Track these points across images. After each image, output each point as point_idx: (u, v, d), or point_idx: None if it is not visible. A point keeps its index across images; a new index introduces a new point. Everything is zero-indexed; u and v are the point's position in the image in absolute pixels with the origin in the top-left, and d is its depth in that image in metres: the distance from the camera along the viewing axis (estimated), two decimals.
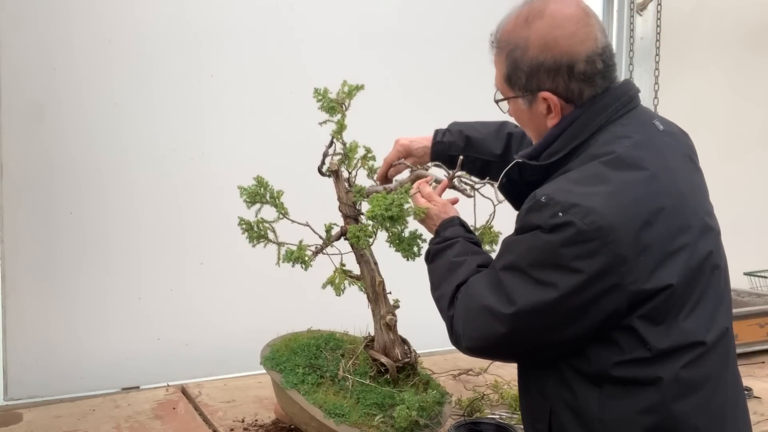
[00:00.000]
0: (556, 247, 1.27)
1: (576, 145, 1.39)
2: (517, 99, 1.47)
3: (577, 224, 1.24)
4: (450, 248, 1.61)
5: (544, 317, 1.31)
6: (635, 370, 1.30)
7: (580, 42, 1.37)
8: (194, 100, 2.71)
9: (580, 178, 1.32)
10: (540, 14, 1.40)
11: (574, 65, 1.37)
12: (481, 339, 1.40)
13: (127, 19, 2.58)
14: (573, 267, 1.26)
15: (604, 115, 1.39)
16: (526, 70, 1.40)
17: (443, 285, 1.56)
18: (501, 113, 1.61)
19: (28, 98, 2.45)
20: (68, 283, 2.55)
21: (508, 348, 1.41)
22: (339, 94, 1.92)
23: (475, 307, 1.41)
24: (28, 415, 2.21)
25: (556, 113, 1.42)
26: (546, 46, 1.38)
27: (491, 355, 1.54)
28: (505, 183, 1.52)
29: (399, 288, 2.03)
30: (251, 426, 2.14)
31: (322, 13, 2.94)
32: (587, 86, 1.39)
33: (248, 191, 1.92)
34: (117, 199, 2.61)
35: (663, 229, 1.29)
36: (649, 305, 1.28)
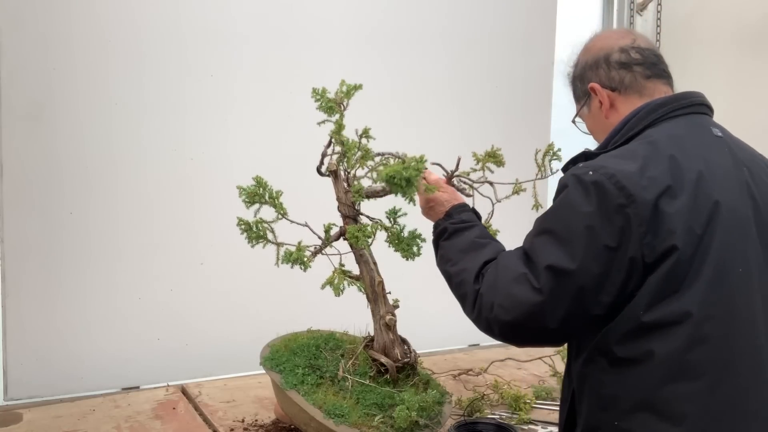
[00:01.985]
0: (579, 203, 1.36)
1: (630, 135, 1.51)
2: (582, 109, 1.69)
3: (602, 182, 1.34)
4: (469, 230, 1.67)
5: (577, 281, 1.34)
6: (629, 344, 1.35)
7: (614, 39, 1.62)
8: (194, 100, 2.71)
9: (617, 153, 1.45)
10: (585, 42, 1.71)
11: (610, 56, 1.59)
12: (512, 308, 1.40)
13: (127, 19, 2.58)
14: (595, 222, 1.33)
15: (660, 112, 1.51)
16: (579, 77, 1.66)
17: (464, 260, 1.58)
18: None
19: (28, 98, 2.45)
20: (68, 283, 2.55)
21: (544, 317, 1.38)
22: (337, 94, 1.92)
23: (511, 276, 1.43)
24: (28, 415, 2.21)
25: (605, 101, 1.59)
26: (587, 51, 1.66)
27: (522, 326, 1.42)
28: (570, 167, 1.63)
29: (398, 288, 2.02)
30: (251, 426, 2.14)
31: (322, 14, 2.94)
32: (627, 73, 1.57)
33: (247, 191, 1.92)
34: (117, 199, 2.61)
35: (683, 202, 1.34)
36: (655, 273, 1.32)
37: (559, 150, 1.92)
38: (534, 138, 3.14)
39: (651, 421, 1.34)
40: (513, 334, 1.47)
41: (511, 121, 3.39)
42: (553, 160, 1.92)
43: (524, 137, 3.18)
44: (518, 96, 3.45)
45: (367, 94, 1.95)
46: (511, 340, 1.52)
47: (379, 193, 1.95)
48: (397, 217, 1.97)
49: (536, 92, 3.51)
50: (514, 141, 2.67)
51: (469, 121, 3.25)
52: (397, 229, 1.96)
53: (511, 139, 2.88)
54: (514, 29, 3.42)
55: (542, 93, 3.53)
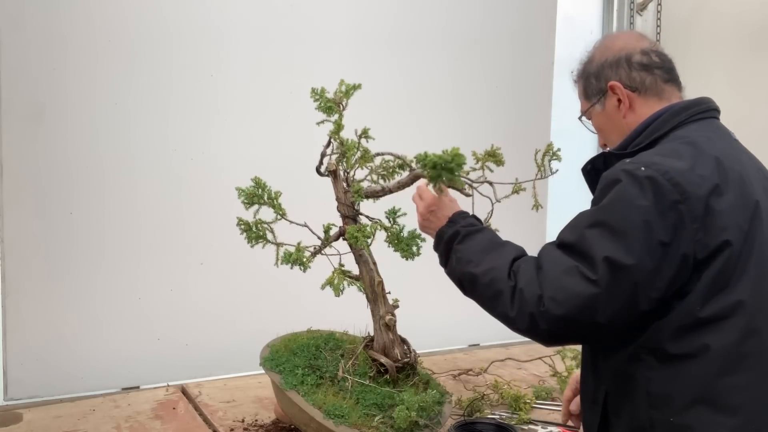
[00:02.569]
0: (638, 198, 1.36)
1: (656, 137, 1.54)
2: (594, 107, 1.67)
3: (656, 177, 1.36)
4: (482, 232, 1.66)
5: (627, 274, 1.35)
6: (684, 339, 1.37)
7: (635, 41, 1.65)
8: (194, 100, 2.71)
9: (658, 152, 1.47)
10: (602, 39, 1.73)
11: (631, 56, 1.60)
12: (565, 300, 1.37)
13: (127, 19, 2.58)
14: (651, 217, 1.34)
15: (684, 115, 1.54)
16: (595, 74, 1.65)
17: (487, 260, 1.55)
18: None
19: (28, 98, 2.45)
20: (68, 283, 2.55)
21: (596, 310, 1.36)
22: (336, 94, 1.92)
23: (561, 268, 1.41)
24: (28, 415, 2.21)
25: (625, 101, 1.60)
26: (606, 49, 1.66)
27: (573, 320, 1.38)
28: (589, 170, 1.65)
29: (398, 288, 2.02)
30: (251, 426, 2.14)
31: (322, 14, 2.94)
32: (648, 75, 1.60)
33: (246, 192, 1.92)
34: (117, 199, 2.61)
35: (730, 200, 1.39)
36: (710, 268, 1.36)
37: (558, 150, 1.91)
38: (534, 138, 3.14)
39: (707, 415, 1.37)
40: (561, 330, 1.42)
41: (511, 121, 3.39)
42: (553, 160, 1.92)
43: (524, 137, 3.18)
44: (518, 96, 3.45)
45: (366, 94, 1.95)
46: (555, 338, 1.49)
47: (378, 193, 1.95)
48: (396, 217, 1.97)
49: (536, 92, 3.51)
50: (514, 141, 2.67)
51: (469, 121, 3.25)
52: (397, 229, 1.96)
53: (511, 139, 2.88)
54: (514, 29, 3.42)
55: (542, 93, 3.52)
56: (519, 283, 1.45)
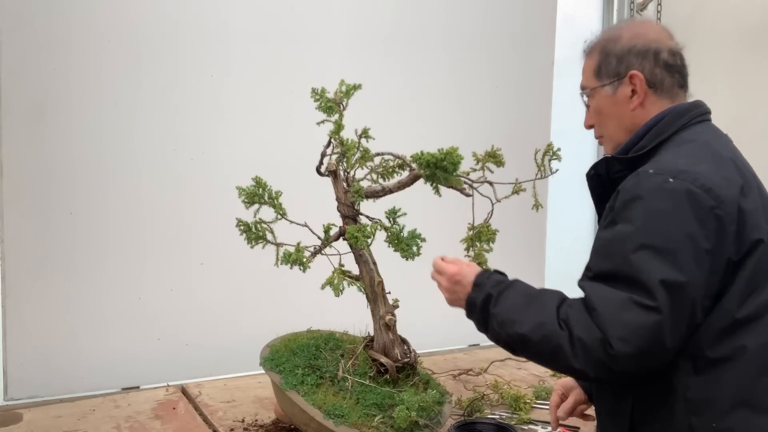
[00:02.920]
0: (676, 212, 1.34)
1: (661, 140, 1.52)
2: (603, 88, 1.60)
3: (689, 187, 1.35)
4: (512, 287, 1.55)
5: (685, 291, 1.33)
6: (722, 342, 1.37)
7: (666, 38, 1.60)
8: (194, 100, 2.71)
9: (679, 154, 1.45)
10: (632, 21, 1.69)
11: (660, 52, 1.55)
12: (635, 333, 1.31)
13: (127, 19, 2.58)
14: (692, 228, 1.33)
15: (686, 117, 1.54)
16: (618, 55, 1.57)
17: (531, 316, 1.45)
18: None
19: (28, 98, 2.45)
20: (68, 283, 2.55)
21: (664, 337, 1.32)
22: (337, 94, 1.92)
23: (615, 305, 1.34)
24: (28, 415, 2.21)
25: (641, 94, 1.56)
26: (637, 35, 1.58)
27: (645, 353, 1.32)
28: (592, 175, 1.63)
29: (398, 288, 2.02)
30: (251, 426, 2.14)
31: (322, 14, 2.94)
32: (668, 76, 1.56)
33: (247, 192, 1.92)
34: (117, 199, 2.61)
35: (754, 199, 1.43)
36: (744, 268, 1.37)
37: (558, 150, 1.91)
38: (534, 138, 3.14)
39: (749, 417, 1.37)
40: (636, 367, 1.35)
41: (511, 121, 3.39)
42: (553, 160, 1.92)
43: (524, 137, 3.18)
44: (518, 96, 3.45)
45: (366, 94, 1.95)
46: (630, 375, 1.40)
47: (378, 193, 1.95)
48: (396, 217, 1.96)
49: (536, 92, 3.51)
50: (514, 141, 2.67)
51: (469, 121, 3.25)
52: (397, 229, 1.95)
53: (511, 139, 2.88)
54: (514, 29, 3.42)
55: (542, 93, 3.52)
56: (574, 331, 1.37)
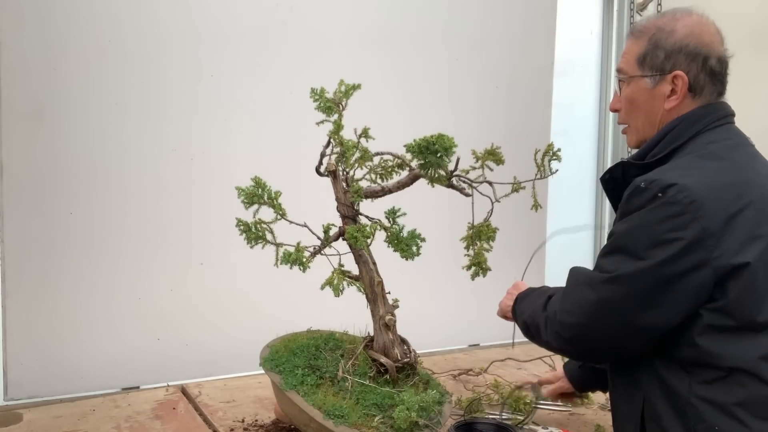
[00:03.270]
0: (653, 224, 1.41)
1: (674, 148, 1.53)
2: (644, 78, 1.58)
3: (671, 200, 1.39)
4: (536, 290, 1.82)
5: (633, 285, 1.42)
6: (719, 349, 1.41)
7: (718, 42, 1.57)
8: (194, 100, 2.71)
9: (674, 166, 1.49)
10: (688, 14, 1.60)
11: (709, 58, 1.54)
12: (573, 309, 1.52)
13: (127, 19, 2.58)
14: (667, 239, 1.39)
15: (701, 124, 1.54)
16: (668, 50, 1.55)
17: (533, 306, 1.72)
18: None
19: (28, 98, 2.45)
20: (68, 283, 2.55)
21: (598, 319, 1.47)
22: (336, 94, 1.91)
23: (573, 285, 1.56)
24: (28, 415, 2.21)
25: (680, 96, 1.55)
26: (693, 34, 1.55)
27: (583, 329, 1.51)
28: (608, 179, 1.64)
29: (398, 288, 2.02)
30: (251, 426, 2.14)
31: (322, 13, 2.94)
32: (710, 83, 1.56)
33: (246, 192, 1.92)
34: (117, 199, 2.61)
35: (749, 215, 1.42)
36: (731, 285, 1.39)
37: (558, 150, 1.91)
38: (534, 138, 3.14)
39: (755, 424, 1.40)
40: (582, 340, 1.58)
41: (511, 121, 3.39)
42: (553, 160, 1.91)
43: (524, 137, 3.18)
44: (518, 96, 3.45)
45: (366, 94, 1.94)
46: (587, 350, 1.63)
47: (378, 193, 1.94)
48: (396, 217, 1.96)
49: (536, 92, 3.51)
50: (514, 141, 2.67)
51: (469, 121, 3.24)
52: (397, 229, 1.95)
53: (511, 139, 2.88)
54: (514, 29, 3.42)
55: (542, 93, 3.52)
56: (550, 308, 1.61)
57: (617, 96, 1.67)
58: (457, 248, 1.97)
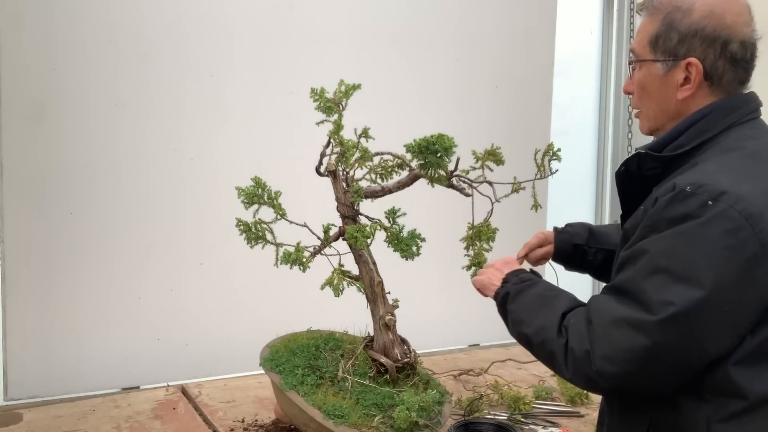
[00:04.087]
0: (706, 241, 1.22)
1: (703, 140, 1.37)
2: (655, 63, 1.42)
3: (729, 213, 1.22)
4: (532, 286, 1.55)
5: (694, 323, 1.23)
6: (753, 379, 1.27)
7: (744, 24, 1.37)
8: (194, 100, 2.71)
9: (722, 168, 1.30)
10: None
11: (730, 42, 1.35)
12: (619, 355, 1.26)
13: (127, 19, 2.58)
14: (724, 259, 1.22)
15: (734, 116, 1.38)
16: (682, 32, 1.37)
17: (537, 318, 1.45)
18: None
19: (28, 98, 2.45)
20: (68, 283, 2.55)
21: (651, 367, 1.26)
22: (336, 94, 1.91)
23: (608, 321, 1.29)
24: (28, 415, 2.21)
25: (693, 85, 1.38)
26: (712, 14, 1.36)
27: (627, 379, 1.28)
28: (622, 172, 1.47)
29: (398, 288, 2.02)
30: (251, 426, 2.14)
31: (322, 14, 2.94)
32: (731, 70, 1.37)
33: (246, 192, 1.92)
34: (117, 199, 2.61)
35: None
36: None
37: (558, 150, 1.91)
38: (534, 138, 3.14)
39: None
40: (624, 386, 1.33)
41: (511, 121, 3.39)
42: (553, 160, 1.91)
43: (524, 137, 3.18)
44: (518, 96, 3.45)
45: (366, 94, 1.94)
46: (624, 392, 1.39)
47: (378, 193, 1.94)
48: (396, 217, 1.97)
49: (536, 92, 3.51)
50: (514, 141, 2.67)
51: (469, 121, 3.24)
52: (397, 229, 1.96)
53: (511, 139, 2.88)
54: (514, 29, 3.42)
55: (542, 93, 3.52)
56: (570, 340, 1.34)
57: (630, 78, 1.51)
58: (457, 248, 1.97)
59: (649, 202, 1.35)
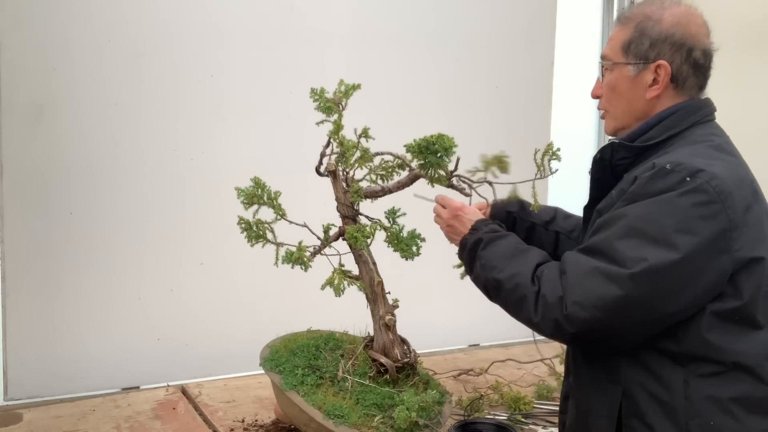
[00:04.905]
0: (681, 209, 1.36)
1: (671, 135, 1.51)
2: (627, 66, 1.56)
3: (704, 187, 1.36)
4: (504, 238, 1.65)
5: (664, 280, 1.35)
6: (726, 344, 1.39)
7: (704, 35, 1.56)
8: (194, 100, 2.71)
9: (696, 152, 1.44)
10: (677, 4, 1.58)
11: (694, 50, 1.52)
12: (590, 302, 1.38)
13: (127, 19, 2.58)
14: (697, 228, 1.35)
15: (698, 115, 1.53)
16: (653, 39, 1.53)
17: (511, 265, 1.55)
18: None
19: (28, 98, 2.45)
20: (68, 283, 2.55)
21: (618, 316, 1.38)
22: (336, 94, 1.91)
23: (583, 271, 1.42)
24: (28, 415, 2.21)
25: (661, 86, 1.53)
26: (679, 24, 1.53)
27: (594, 325, 1.39)
28: (598, 159, 1.59)
29: (398, 288, 2.02)
30: (251, 426, 2.14)
31: (322, 14, 2.94)
32: (693, 75, 1.54)
33: (245, 192, 1.92)
34: (117, 199, 2.61)
35: (756, 211, 1.43)
36: (742, 279, 1.39)
37: (558, 150, 1.90)
38: (534, 138, 3.14)
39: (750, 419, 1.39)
40: (588, 334, 1.44)
41: (511, 121, 3.39)
42: (553, 160, 1.91)
43: (524, 137, 3.18)
44: (518, 96, 3.45)
45: (366, 94, 1.95)
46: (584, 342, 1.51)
47: (378, 193, 1.95)
48: (396, 217, 1.97)
49: (536, 92, 3.51)
50: (514, 141, 2.67)
51: (469, 121, 3.24)
52: (396, 229, 1.96)
53: (511, 139, 2.88)
54: (514, 29, 3.42)
55: (542, 93, 3.52)
56: (542, 287, 1.46)
57: (599, 82, 1.65)
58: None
59: (626, 182, 1.47)
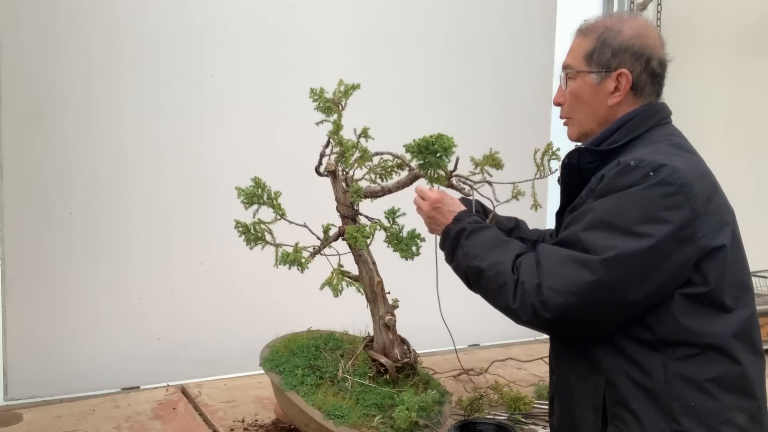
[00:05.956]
0: (647, 201, 1.44)
1: (633, 137, 1.60)
2: (589, 74, 1.65)
3: (667, 180, 1.44)
4: (487, 230, 1.73)
5: (634, 265, 1.43)
6: (698, 327, 1.47)
7: (660, 46, 1.66)
8: (194, 100, 2.72)
9: (657, 150, 1.53)
10: (635, 18, 1.73)
11: (652, 59, 1.62)
12: (565, 287, 1.45)
13: (127, 19, 2.58)
14: (662, 217, 1.43)
15: (657, 118, 1.63)
16: (615, 48, 1.62)
17: (493, 254, 1.62)
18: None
19: (28, 98, 2.45)
20: (68, 282, 2.55)
21: (591, 300, 1.45)
22: (335, 94, 1.91)
23: (557, 260, 1.49)
24: (28, 415, 2.21)
25: (623, 92, 1.62)
26: (639, 35, 1.63)
27: (569, 310, 1.46)
28: (566, 164, 1.67)
29: (398, 288, 2.02)
30: (251, 426, 2.14)
31: (322, 13, 2.94)
32: (650, 83, 1.63)
33: (246, 192, 1.92)
34: (117, 199, 2.61)
35: (716, 202, 1.52)
36: (707, 266, 1.47)
37: (557, 150, 1.91)
38: (534, 138, 3.14)
39: (731, 399, 1.49)
40: (564, 319, 1.49)
41: (511, 121, 3.39)
42: (552, 160, 1.91)
43: (524, 137, 3.18)
44: (518, 96, 3.45)
45: (366, 94, 1.95)
46: (560, 328, 1.57)
47: (377, 193, 1.95)
48: (396, 217, 1.97)
49: (536, 92, 3.51)
50: (514, 141, 2.67)
51: (469, 121, 3.25)
52: (396, 229, 1.96)
53: (510, 139, 2.88)
54: (514, 29, 3.42)
55: (542, 93, 3.52)
56: (521, 275, 1.52)
57: (561, 90, 1.73)
58: None
59: (594, 182, 1.55)
